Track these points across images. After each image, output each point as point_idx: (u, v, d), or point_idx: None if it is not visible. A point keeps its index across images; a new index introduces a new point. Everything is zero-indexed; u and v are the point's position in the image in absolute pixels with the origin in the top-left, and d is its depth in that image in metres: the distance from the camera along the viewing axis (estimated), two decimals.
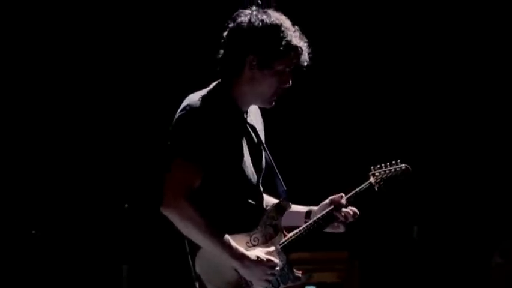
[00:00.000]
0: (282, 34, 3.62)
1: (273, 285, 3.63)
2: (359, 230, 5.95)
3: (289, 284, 3.68)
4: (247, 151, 3.70)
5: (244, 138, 3.71)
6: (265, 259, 3.59)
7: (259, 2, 3.83)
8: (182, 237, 3.59)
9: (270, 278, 3.59)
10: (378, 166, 3.86)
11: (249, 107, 3.76)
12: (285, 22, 3.66)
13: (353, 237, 6.03)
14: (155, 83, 6.98)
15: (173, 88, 6.49)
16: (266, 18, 3.64)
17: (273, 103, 3.72)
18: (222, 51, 3.70)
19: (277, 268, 3.61)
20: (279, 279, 3.64)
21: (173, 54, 6.88)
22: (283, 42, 3.61)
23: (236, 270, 3.58)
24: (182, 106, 3.64)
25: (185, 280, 3.63)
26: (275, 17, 3.66)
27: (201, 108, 3.60)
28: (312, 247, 6.11)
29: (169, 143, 3.61)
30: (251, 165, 3.71)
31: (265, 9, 3.69)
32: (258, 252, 3.60)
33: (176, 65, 6.87)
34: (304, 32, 3.70)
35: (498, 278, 5.12)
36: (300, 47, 3.65)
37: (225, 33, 3.70)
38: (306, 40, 3.68)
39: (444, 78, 6.98)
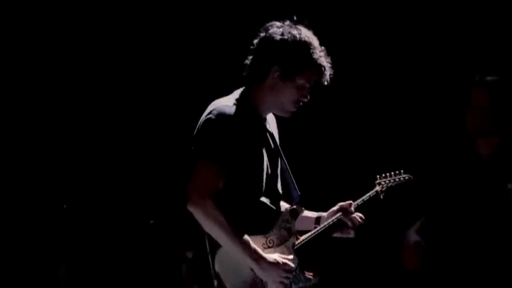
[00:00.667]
0: (309, 51, 3.82)
1: (285, 286, 3.79)
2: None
3: (301, 285, 3.86)
4: (266, 156, 3.87)
5: (263, 144, 3.90)
6: (281, 262, 3.76)
7: (295, 17, 3.94)
8: (202, 235, 3.76)
9: (285, 280, 3.77)
10: (384, 175, 4.14)
11: (267, 114, 3.95)
12: (314, 41, 3.86)
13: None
14: (158, 85, 7.01)
15: (172, 93, 6.85)
16: (297, 34, 3.83)
17: (290, 114, 3.92)
18: (249, 58, 3.90)
19: (292, 271, 3.78)
20: (292, 279, 3.81)
21: (194, 61, 6.92)
22: (309, 59, 3.82)
23: (253, 270, 3.74)
24: (208, 110, 3.81)
25: (204, 278, 3.79)
26: (306, 34, 3.85)
27: (227, 113, 3.76)
28: None
29: (195, 145, 3.79)
30: (270, 170, 3.88)
31: (298, 25, 3.88)
32: (275, 256, 3.78)
33: (189, 70, 6.93)
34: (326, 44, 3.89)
35: (415, 257, 5.02)
36: (324, 67, 3.85)
37: (255, 41, 3.90)
38: (330, 61, 3.88)
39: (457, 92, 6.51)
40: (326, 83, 3.88)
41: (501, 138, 4.83)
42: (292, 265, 3.80)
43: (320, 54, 3.85)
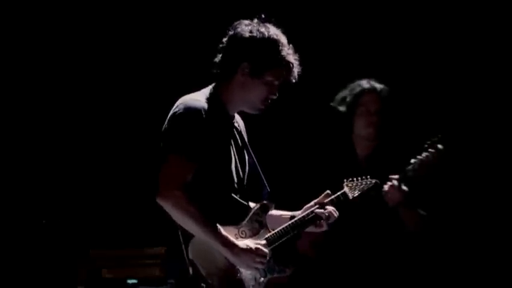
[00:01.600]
0: (278, 48, 3.93)
1: (260, 275, 3.87)
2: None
3: (275, 275, 3.94)
4: (234, 152, 3.96)
5: (231, 140, 3.98)
6: (254, 248, 3.83)
7: (263, 16, 4.00)
8: (175, 227, 3.83)
9: (259, 266, 3.84)
10: (351, 179, 4.33)
11: (236, 111, 4.04)
12: (282, 38, 3.98)
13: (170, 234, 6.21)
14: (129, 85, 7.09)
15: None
16: (266, 32, 3.95)
17: (260, 111, 4.00)
18: (219, 56, 4.00)
19: (266, 257, 3.85)
20: (265, 269, 3.88)
21: (164, 57, 6.99)
22: (278, 56, 3.93)
23: (225, 257, 3.80)
24: (177, 105, 3.88)
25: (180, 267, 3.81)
26: (274, 32, 3.97)
27: (195, 108, 3.83)
28: (132, 243, 6.66)
29: (163, 139, 3.85)
30: (238, 165, 3.97)
31: (266, 23, 3.98)
32: (247, 241, 3.85)
33: (160, 69, 7.02)
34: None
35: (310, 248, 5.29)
36: (292, 64, 3.96)
37: (224, 39, 4.00)
38: (298, 58, 3.99)
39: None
40: (293, 81, 3.98)
41: (379, 141, 5.36)
42: (266, 250, 3.85)
43: (288, 52, 3.95)
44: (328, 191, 4.20)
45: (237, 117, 4.12)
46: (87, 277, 6.69)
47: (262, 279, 3.90)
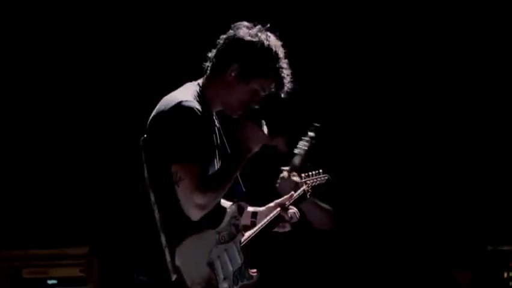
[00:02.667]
0: (272, 59, 3.87)
1: (233, 283, 3.85)
2: (100, 226, 6.76)
3: (245, 282, 3.89)
4: (217, 152, 3.90)
5: (215, 140, 3.92)
6: (249, 127, 3.86)
7: (268, 25, 3.95)
8: (156, 232, 3.74)
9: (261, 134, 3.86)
10: (306, 174, 4.40)
11: (216, 109, 3.96)
12: (280, 50, 3.91)
13: (93, 233, 6.69)
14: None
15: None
16: (265, 40, 3.88)
17: (236, 115, 3.92)
18: (213, 51, 3.94)
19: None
20: (238, 277, 3.86)
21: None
22: (270, 67, 3.87)
23: (208, 265, 3.77)
24: (172, 106, 3.75)
25: (158, 272, 3.74)
26: (274, 42, 3.90)
27: (193, 111, 3.75)
28: (52, 243, 6.58)
29: (168, 147, 3.71)
30: (218, 164, 3.89)
31: (268, 32, 3.92)
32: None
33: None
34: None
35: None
36: (283, 78, 3.89)
37: (223, 36, 3.95)
38: (291, 74, 3.92)
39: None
40: (283, 96, 3.93)
41: None
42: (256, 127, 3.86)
43: (282, 66, 3.89)
44: (292, 192, 4.25)
45: (215, 116, 4.08)
46: (7, 277, 6.62)
47: (235, 287, 3.89)
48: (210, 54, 3.96)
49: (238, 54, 3.87)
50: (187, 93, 3.85)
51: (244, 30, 3.91)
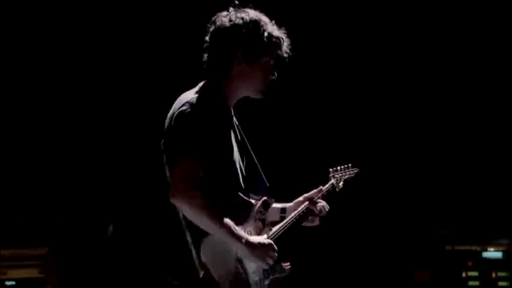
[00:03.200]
0: (263, 28, 3.84)
1: (264, 277, 3.83)
2: (59, 227, 6.73)
3: (277, 275, 3.87)
4: (236, 147, 3.87)
5: (234, 137, 3.87)
6: (267, 243, 3.78)
7: (236, 2, 3.92)
8: (182, 231, 3.76)
9: (271, 261, 3.78)
10: (335, 169, 4.36)
11: (235, 103, 3.92)
12: (263, 17, 3.87)
13: (52, 234, 6.65)
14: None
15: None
16: (245, 16, 3.84)
17: (264, 94, 3.91)
18: (207, 54, 3.87)
19: (276, 253, 3.81)
20: (269, 270, 3.84)
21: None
22: (266, 35, 3.83)
23: (236, 260, 3.75)
24: (180, 104, 3.76)
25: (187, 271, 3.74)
26: (253, 14, 3.86)
27: (198, 106, 3.73)
28: (11, 244, 6.53)
29: (171, 140, 3.75)
30: (240, 162, 3.89)
31: (243, 8, 3.88)
32: (259, 238, 3.81)
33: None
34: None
35: None
36: (281, 38, 3.87)
37: (207, 37, 3.87)
38: (285, 31, 3.89)
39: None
40: (286, 55, 3.90)
41: None
42: (275, 247, 3.82)
43: (273, 28, 3.87)
44: (321, 187, 4.22)
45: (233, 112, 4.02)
46: None
47: (266, 281, 3.87)
48: (204, 59, 3.90)
49: (233, 43, 3.83)
50: (199, 93, 3.82)
51: (222, 19, 3.87)
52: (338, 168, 4.37)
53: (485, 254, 6.65)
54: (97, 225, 6.85)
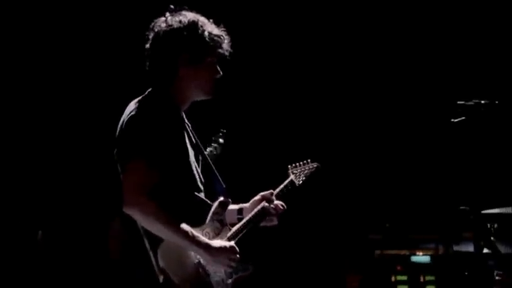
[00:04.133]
0: (202, 28, 3.88)
1: (227, 276, 3.86)
2: None
3: (240, 274, 3.91)
4: (191, 151, 3.91)
5: (187, 140, 3.91)
6: (228, 246, 3.81)
7: (171, 6, 3.96)
8: (139, 235, 3.75)
9: (233, 264, 3.81)
10: (294, 165, 4.36)
11: (187, 107, 3.97)
12: (201, 18, 3.93)
13: None
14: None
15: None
16: (183, 18, 3.89)
17: (213, 94, 3.96)
18: (149, 61, 3.90)
19: (238, 255, 3.83)
20: (232, 270, 3.87)
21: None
22: (206, 34, 3.89)
23: (196, 263, 3.77)
24: (128, 112, 3.79)
25: (146, 276, 3.72)
26: (190, 15, 3.92)
27: (148, 112, 3.76)
28: None
29: (121, 146, 3.76)
30: (196, 165, 3.92)
31: (179, 11, 3.93)
32: (220, 242, 3.83)
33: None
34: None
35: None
36: (221, 36, 3.93)
37: (147, 45, 3.91)
38: (224, 29, 3.95)
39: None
40: (228, 53, 3.95)
41: None
42: (237, 249, 3.84)
43: (212, 27, 3.92)
44: (277, 188, 4.24)
45: (184, 116, 4.05)
46: None
47: (229, 280, 3.89)
48: (147, 67, 3.93)
49: (175, 46, 3.86)
50: (149, 99, 3.86)
51: (160, 24, 3.91)
52: (297, 164, 4.38)
53: (414, 258, 6.72)
54: (26, 231, 6.87)
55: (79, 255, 6.84)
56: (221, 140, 5.48)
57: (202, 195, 3.92)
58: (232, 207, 4.12)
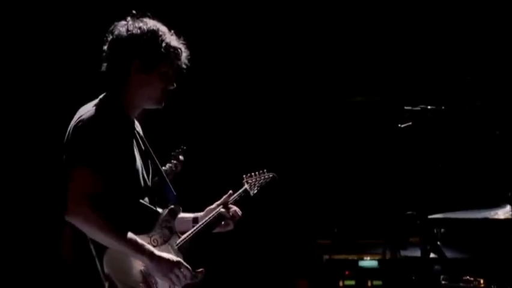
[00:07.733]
0: (160, 38, 3.87)
1: (175, 284, 3.82)
2: None
3: (189, 281, 3.86)
4: (139, 159, 3.88)
5: (134, 146, 3.89)
6: (175, 260, 3.80)
7: (134, 11, 3.93)
8: (85, 241, 3.70)
9: (173, 278, 3.78)
10: (249, 175, 4.39)
11: (136, 113, 3.95)
12: (161, 27, 3.91)
13: None
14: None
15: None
16: (143, 25, 3.87)
17: (163, 104, 3.93)
18: (105, 64, 3.89)
19: (182, 268, 3.80)
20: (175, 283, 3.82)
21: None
22: (163, 45, 3.87)
23: (141, 271, 3.75)
24: (76, 117, 3.77)
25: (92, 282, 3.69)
26: (152, 24, 3.90)
27: (95, 118, 3.73)
28: None
29: (67, 152, 3.73)
30: (143, 171, 3.90)
31: (141, 17, 3.91)
32: (167, 255, 3.79)
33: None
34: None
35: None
36: (179, 48, 3.92)
37: (105, 46, 3.90)
38: (184, 42, 3.95)
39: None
40: (185, 65, 3.95)
41: None
42: (185, 263, 3.82)
43: (171, 38, 3.91)
44: (230, 191, 4.25)
45: (136, 122, 4.02)
46: None
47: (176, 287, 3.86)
48: (103, 68, 3.91)
49: (130, 52, 3.85)
50: (98, 105, 3.83)
51: (119, 28, 3.89)
52: (253, 174, 4.40)
53: (362, 263, 6.78)
54: None
55: (30, 256, 6.82)
56: (181, 157, 5.48)
57: (148, 202, 3.91)
58: (187, 216, 4.14)
